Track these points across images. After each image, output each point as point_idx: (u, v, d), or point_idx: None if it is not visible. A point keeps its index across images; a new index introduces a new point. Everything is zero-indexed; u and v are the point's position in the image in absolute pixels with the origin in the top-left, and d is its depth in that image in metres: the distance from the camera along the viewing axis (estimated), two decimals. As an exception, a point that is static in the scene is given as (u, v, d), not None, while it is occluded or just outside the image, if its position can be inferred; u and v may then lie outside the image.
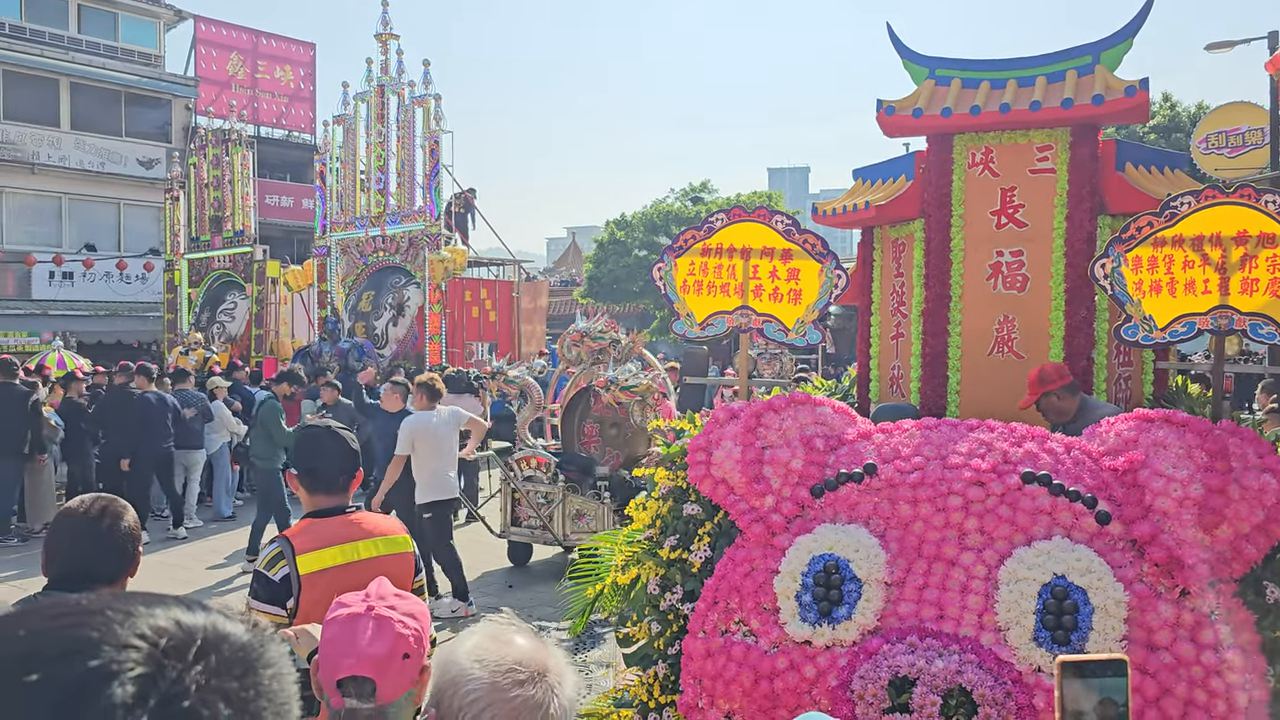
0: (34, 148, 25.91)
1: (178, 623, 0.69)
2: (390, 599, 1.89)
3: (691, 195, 35.72)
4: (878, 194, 5.37)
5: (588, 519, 9.03)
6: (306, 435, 3.06)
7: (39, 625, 0.67)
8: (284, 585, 2.77)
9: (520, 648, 1.44)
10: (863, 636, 2.86)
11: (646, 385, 8.65)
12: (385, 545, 2.96)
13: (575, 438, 9.93)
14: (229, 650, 0.70)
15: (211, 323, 20.06)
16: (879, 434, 3.32)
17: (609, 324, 9.44)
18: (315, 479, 2.98)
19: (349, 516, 2.97)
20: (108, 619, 0.67)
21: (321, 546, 2.84)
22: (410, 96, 16.53)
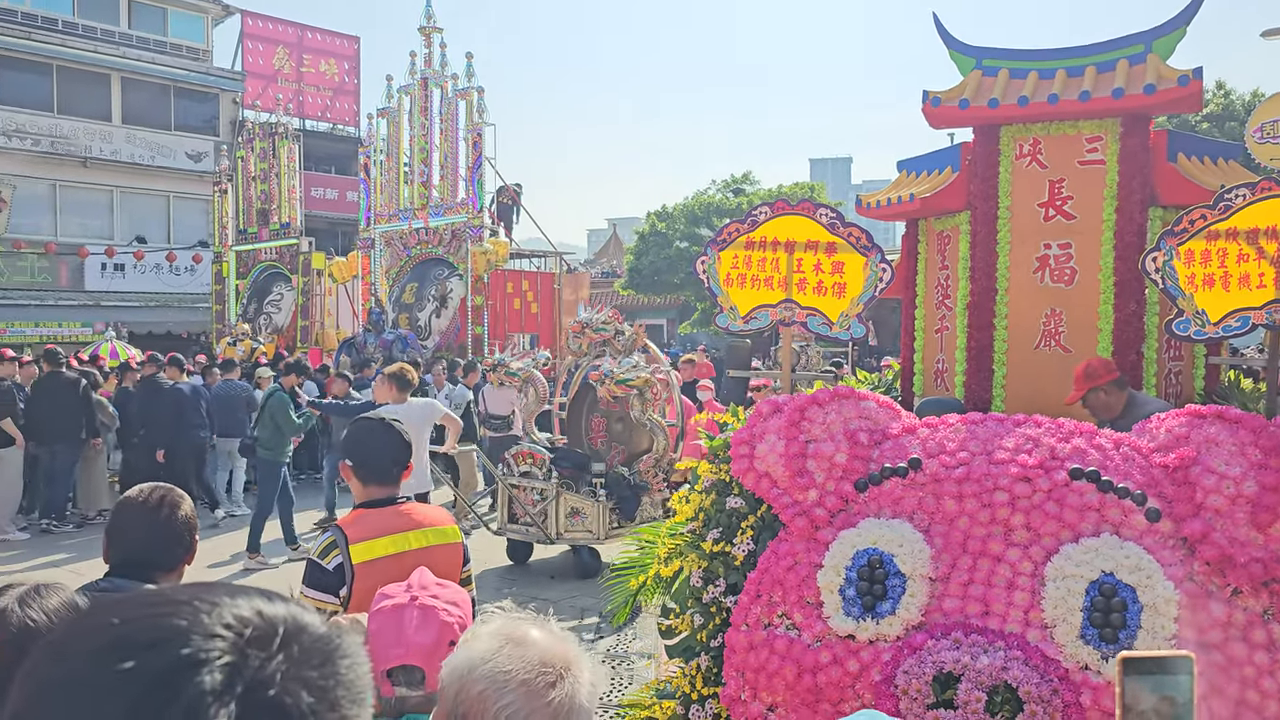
0: (86, 141, 26.41)
1: (260, 613, 0.72)
2: (432, 588, 1.92)
3: (733, 187, 35.57)
4: (922, 186, 5.33)
5: (583, 517, 8.74)
6: (361, 427, 3.10)
7: (130, 613, 0.69)
8: (337, 574, 2.82)
9: (541, 645, 1.39)
10: (907, 631, 2.85)
11: (644, 379, 8.38)
12: (435, 535, 3.00)
13: (583, 432, 9.69)
14: (309, 640, 0.72)
15: (258, 314, 20.35)
16: (924, 428, 3.30)
17: (612, 315, 9.16)
18: (369, 470, 3.02)
19: (399, 507, 3.01)
20: (195, 609, 0.70)
21: (374, 536, 2.89)
22: (453, 89, 16.63)
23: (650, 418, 8.77)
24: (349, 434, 3.13)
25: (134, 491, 2.53)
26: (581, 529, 8.78)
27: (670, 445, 9.05)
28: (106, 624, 0.69)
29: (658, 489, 9.04)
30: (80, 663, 0.67)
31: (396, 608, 1.87)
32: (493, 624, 1.42)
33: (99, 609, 0.71)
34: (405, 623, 1.83)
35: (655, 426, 8.84)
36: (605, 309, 9.22)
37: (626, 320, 10.95)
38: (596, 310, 9.08)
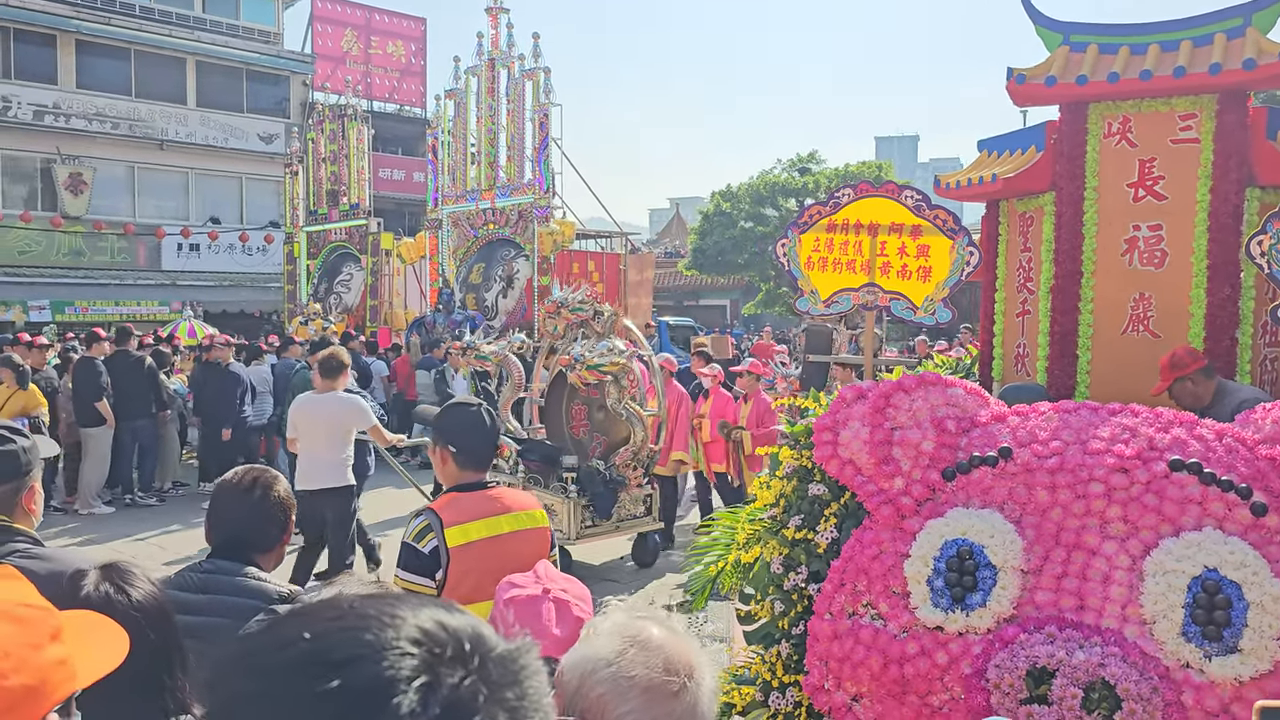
0: (163, 124, 27.03)
1: (443, 626, 0.71)
2: (560, 581, 1.92)
3: (799, 166, 35.16)
4: (1005, 166, 5.19)
5: (553, 516, 7.62)
6: (458, 412, 3.11)
7: (320, 627, 0.69)
8: (433, 558, 2.84)
9: (666, 649, 1.34)
10: (998, 624, 2.79)
11: (619, 364, 7.71)
12: (525, 520, 3.03)
13: (563, 421, 8.93)
14: (496, 657, 0.71)
15: (329, 293, 20.68)
16: (1014, 416, 3.23)
17: (590, 294, 8.38)
18: (466, 455, 3.04)
19: (489, 491, 3.04)
20: (381, 622, 0.69)
21: (467, 520, 2.91)
22: (520, 70, 16.65)
23: (627, 406, 8.15)
24: (447, 419, 3.13)
25: (229, 475, 2.59)
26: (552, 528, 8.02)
27: (650, 436, 8.43)
28: (297, 638, 0.68)
29: (636, 484, 8.46)
30: (276, 679, 0.67)
31: (531, 599, 1.87)
32: (614, 619, 1.40)
33: (289, 623, 0.71)
34: (542, 615, 1.83)
35: (632, 416, 8.18)
36: (581, 287, 8.44)
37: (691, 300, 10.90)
38: (573, 288, 8.36)
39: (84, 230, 25.46)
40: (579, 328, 8.21)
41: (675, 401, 9.33)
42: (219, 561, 2.40)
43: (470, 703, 0.67)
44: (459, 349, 9.31)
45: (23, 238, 24.64)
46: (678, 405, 9.30)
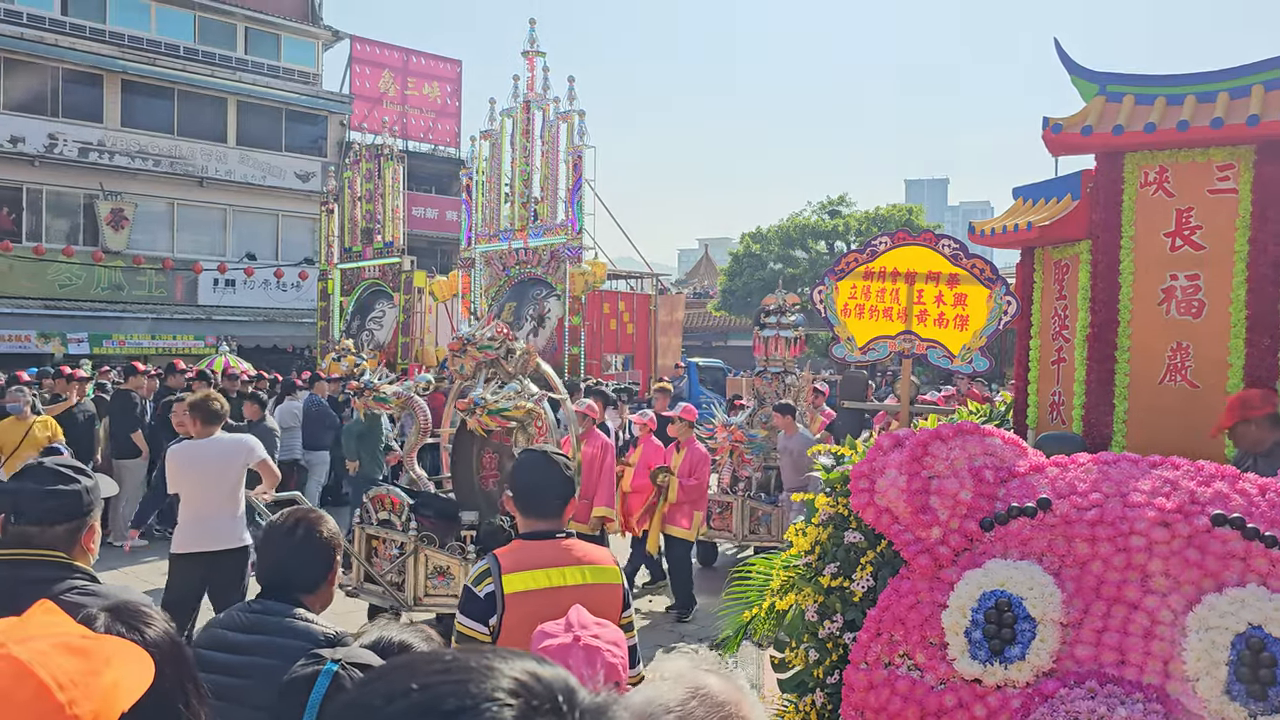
0: (203, 162, 27.56)
1: (536, 677, 0.74)
2: (592, 628, 1.93)
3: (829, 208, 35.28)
4: (1041, 214, 5.20)
5: (449, 579, 6.93)
6: (524, 457, 3.09)
7: (426, 680, 0.73)
8: (488, 603, 2.80)
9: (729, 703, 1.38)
10: (1037, 678, 2.77)
11: (525, 409, 6.91)
12: (593, 574, 2.94)
13: (473, 470, 7.95)
14: (587, 708, 0.74)
15: (361, 330, 20.88)
16: (1052, 467, 3.21)
17: (499, 330, 7.52)
18: (529, 501, 3.00)
19: (560, 541, 2.97)
20: (481, 674, 0.72)
21: (528, 568, 2.86)
22: (555, 112, 16.88)
23: None
24: (515, 464, 3.10)
25: (277, 517, 2.63)
26: (446, 593, 6.87)
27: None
28: (406, 688, 0.72)
29: None
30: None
31: (562, 647, 1.88)
32: (679, 666, 1.42)
33: (395, 675, 0.74)
34: (573, 664, 1.84)
35: None
36: (493, 322, 7.62)
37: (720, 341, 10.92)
38: (482, 324, 7.57)
39: (123, 265, 25.92)
40: (489, 367, 7.42)
41: (598, 452, 8.70)
42: (268, 602, 2.44)
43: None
44: (355, 390, 8.34)
45: (64, 271, 25.12)
46: (601, 456, 8.69)
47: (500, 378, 7.33)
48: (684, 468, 8.88)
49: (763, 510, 10.06)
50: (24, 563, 2.35)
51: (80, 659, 1.24)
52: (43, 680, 1.19)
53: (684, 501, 8.88)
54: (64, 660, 1.23)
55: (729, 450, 10.13)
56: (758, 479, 10.45)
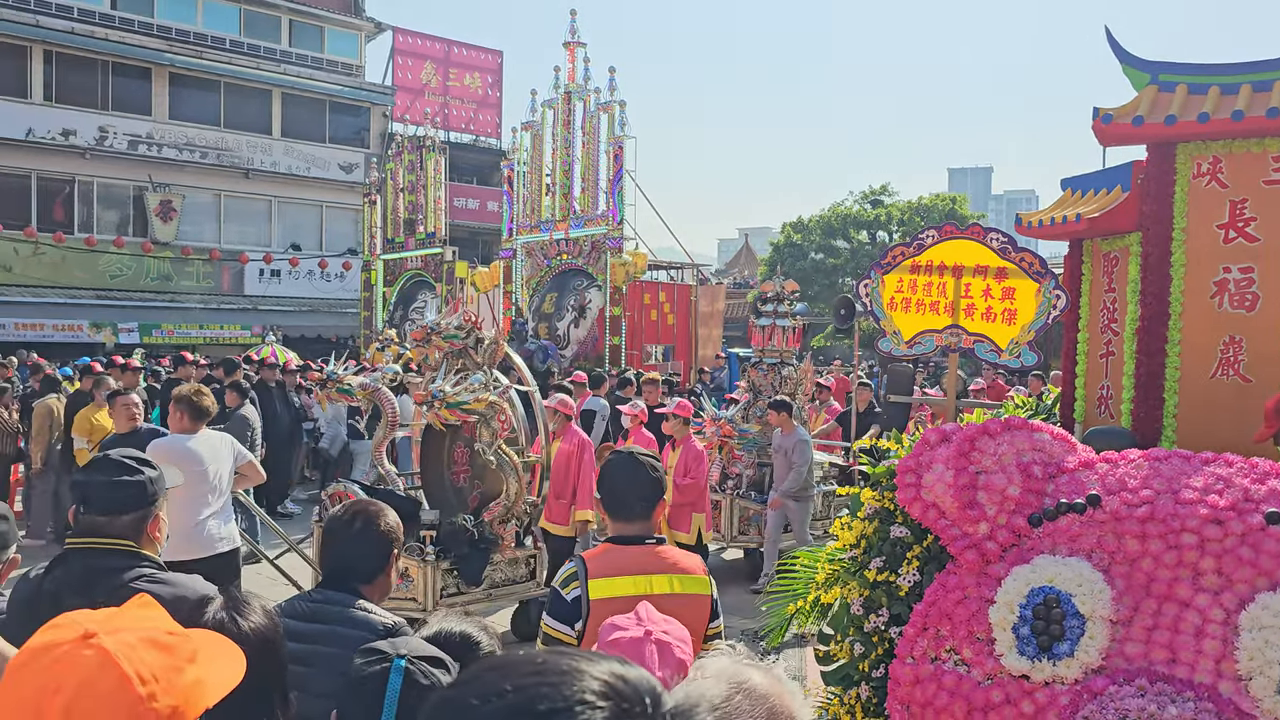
0: (248, 154, 27.94)
1: (624, 679, 0.76)
2: (662, 624, 1.95)
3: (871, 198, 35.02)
4: (1090, 206, 5.14)
5: (407, 581, 6.68)
6: (612, 461, 3.03)
7: (519, 681, 0.75)
8: (574, 606, 2.76)
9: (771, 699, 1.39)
10: (1086, 675, 2.76)
11: (484, 401, 6.53)
12: (682, 583, 2.87)
13: (444, 465, 7.55)
14: (673, 711, 0.76)
15: (404, 320, 21.09)
16: (1101, 463, 3.19)
17: (467, 318, 7.06)
18: (615, 504, 2.96)
19: (651, 547, 2.91)
20: (572, 676, 0.75)
21: (616, 574, 2.81)
22: (596, 103, 16.90)
23: (500, 452, 6.79)
24: (604, 465, 3.03)
25: (338, 508, 2.68)
26: (404, 595, 6.66)
27: (524, 488, 6.99)
28: (500, 689, 0.75)
29: (508, 546, 7.10)
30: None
31: (634, 640, 1.90)
32: (721, 664, 1.43)
33: (489, 677, 0.77)
34: (645, 658, 1.86)
35: (505, 464, 6.81)
36: (459, 310, 7.13)
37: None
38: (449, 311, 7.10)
39: (172, 255, 26.37)
40: (458, 358, 7.03)
41: (574, 449, 8.12)
42: (328, 592, 2.49)
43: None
44: (317, 380, 7.82)
45: (115, 262, 25.61)
46: (578, 454, 8.11)
47: (469, 368, 6.97)
48: (679, 467, 8.32)
49: (753, 510, 9.50)
50: (96, 551, 2.43)
51: (165, 654, 1.29)
52: (125, 672, 1.23)
53: (681, 504, 8.35)
54: (149, 654, 1.27)
55: (718, 446, 9.56)
56: (749, 477, 9.86)
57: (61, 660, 1.23)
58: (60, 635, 1.27)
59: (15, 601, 2.54)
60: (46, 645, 1.26)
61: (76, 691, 1.21)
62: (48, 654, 1.25)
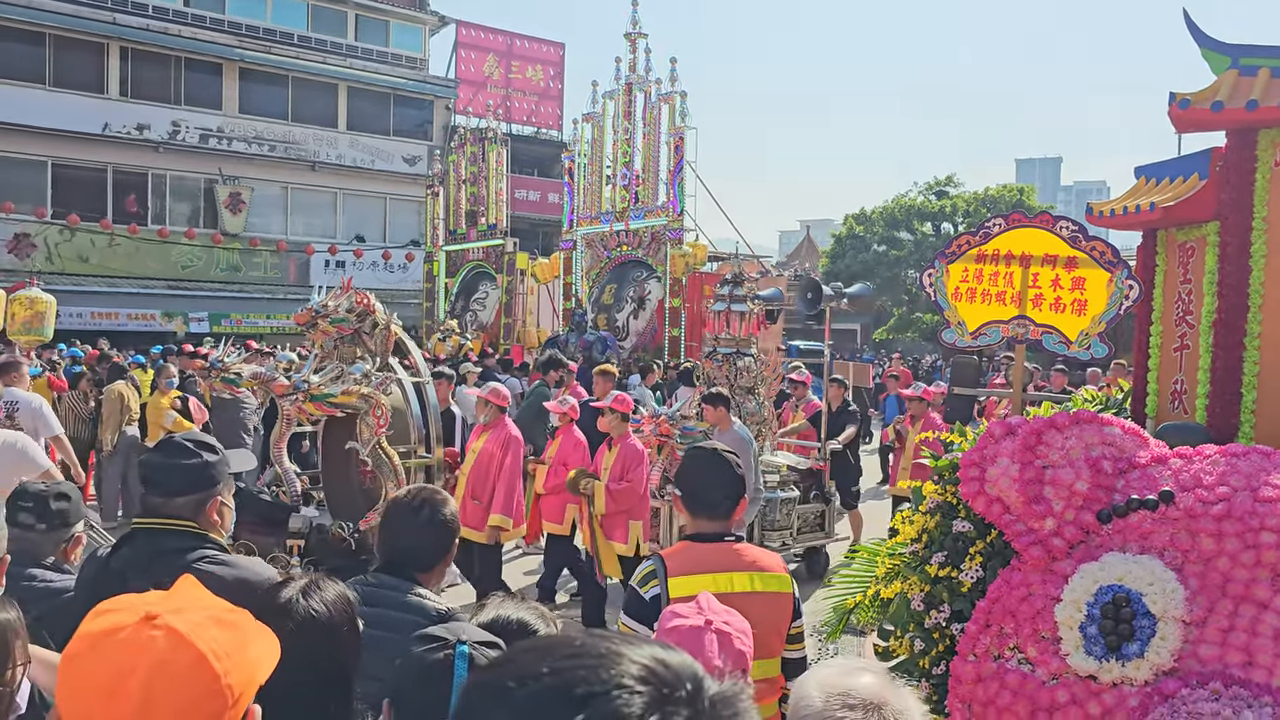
0: (315, 147, 28.41)
1: (665, 664, 0.74)
2: (723, 614, 1.93)
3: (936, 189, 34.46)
4: (1165, 194, 4.97)
5: None
6: (691, 456, 2.99)
7: (557, 664, 0.74)
8: (653, 605, 2.70)
9: (859, 681, 1.48)
10: (1156, 677, 2.67)
11: (354, 394, 5.77)
12: (763, 581, 2.83)
13: (349, 465, 6.66)
14: (717, 697, 0.74)
15: (465, 311, 21.29)
16: (1176, 459, 3.08)
17: (359, 300, 6.28)
18: (696, 501, 2.91)
19: (730, 544, 2.86)
20: (611, 660, 0.73)
21: (695, 572, 2.76)
22: (657, 94, 16.86)
23: (379, 451, 6.01)
24: (682, 463, 2.99)
25: (402, 493, 2.69)
26: None
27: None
28: (538, 672, 0.73)
29: None
30: (524, 711, 0.72)
31: (694, 629, 1.88)
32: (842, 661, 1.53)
33: (520, 655, 0.75)
34: (705, 646, 1.84)
35: (383, 464, 6.08)
36: (351, 290, 6.38)
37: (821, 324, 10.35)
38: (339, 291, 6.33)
39: (241, 247, 26.93)
40: (351, 344, 6.31)
41: (496, 449, 7.40)
42: (383, 576, 2.50)
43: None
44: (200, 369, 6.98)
45: (186, 253, 26.22)
46: (501, 453, 7.39)
47: (361, 355, 6.31)
48: (615, 469, 7.27)
49: None
50: (160, 532, 2.47)
51: (231, 632, 1.29)
52: (201, 651, 1.23)
53: (616, 511, 7.27)
54: (217, 632, 1.27)
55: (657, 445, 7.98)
56: None
57: (129, 643, 1.22)
58: (120, 619, 1.25)
59: (83, 580, 2.60)
60: (108, 630, 1.24)
61: (151, 672, 1.20)
62: (111, 639, 1.23)
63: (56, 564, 3.03)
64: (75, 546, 3.16)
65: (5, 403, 7.95)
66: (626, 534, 7.30)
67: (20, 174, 24.66)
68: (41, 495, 3.07)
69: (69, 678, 1.24)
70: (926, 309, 30.64)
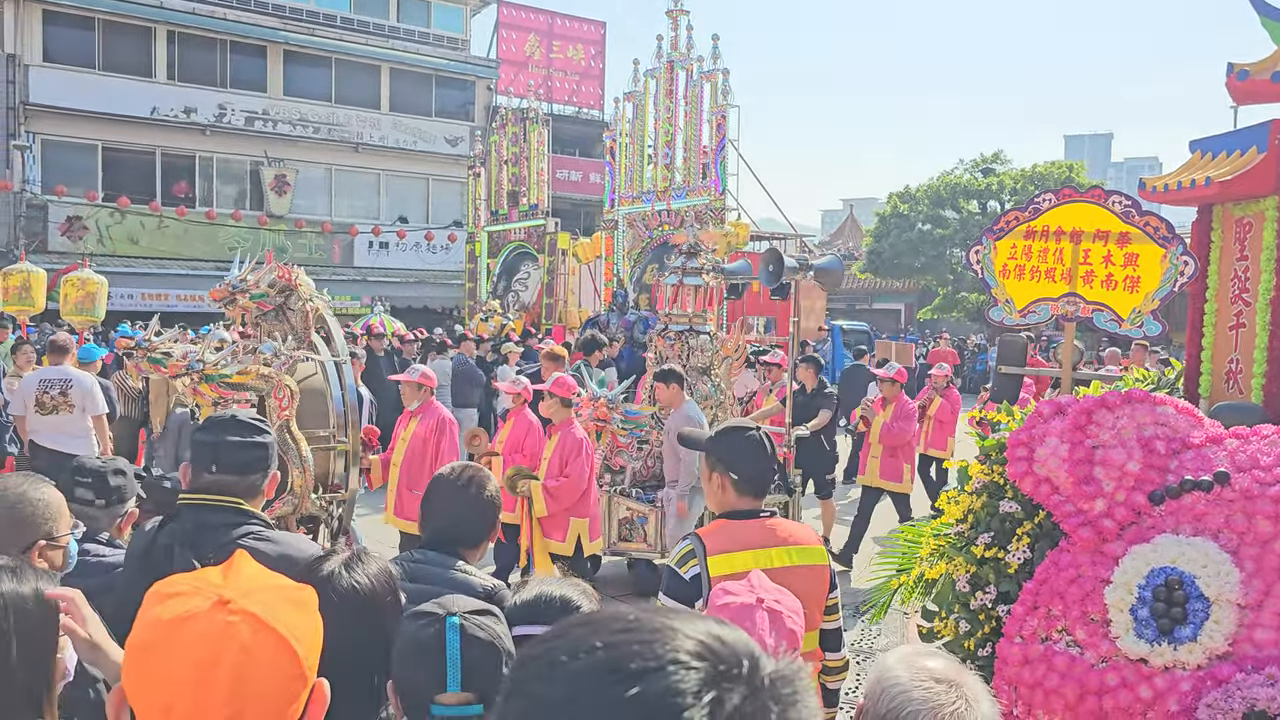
0: (358, 128, 28.59)
1: (721, 640, 0.73)
2: (774, 593, 1.92)
3: (982, 166, 33.90)
4: (1222, 168, 4.84)
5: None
6: (737, 438, 2.94)
7: (610, 638, 0.73)
8: (694, 585, 2.69)
9: (936, 662, 1.57)
10: (1210, 661, 2.61)
11: (251, 374, 5.34)
12: (799, 555, 2.82)
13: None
14: (774, 675, 0.73)
15: (507, 291, 21.37)
16: (1231, 439, 3.01)
17: (282, 275, 5.85)
18: (749, 482, 2.89)
19: (764, 521, 2.87)
20: (665, 635, 0.72)
21: (735, 549, 2.76)
22: (699, 72, 16.74)
23: (286, 436, 5.36)
24: (726, 444, 2.94)
25: (446, 469, 2.70)
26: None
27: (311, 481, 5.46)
28: (590, 646, 0.72)
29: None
30: (577, 685, 0.71)
31: (745, 607, 1.88)
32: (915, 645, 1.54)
33: (581, 632, 0.74)
34: (756, 624, 1.84)
35: (289, 451, 5.47)
36: (273, 265, 5.96)
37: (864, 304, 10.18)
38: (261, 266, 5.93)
39: (286, 228, 27.21)
40: (276, 321, 5.91)
41: (429, 433, 6.89)
42: (429, 553, 2.52)
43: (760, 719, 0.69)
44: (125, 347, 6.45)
45: (233, 234, 26.56)
46: (434, 437, 6.88)
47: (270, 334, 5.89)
48: (553, 462, 6.67)
49: (637, 511, 7.53)
50: (208, 508, 2.51)
51: (301, 611, 1.29)
52: (282, 635, 1.23)
53: (558, 510, 6.67)
54: (291, 613, 1.27)
55: (595, 432, 7.49)
56: (637, 470, 7.88)
57: (208, 632, 1.19)
58: (192, 605, 1.22)
59: (131, 554, 2.64)
60: (182, 617, 1.21)
61: (238, 660, 1.18)
62: (188, 627, 1.20)
63: (110, 539, 3.08)
64: (128, 523, 3.21)
65: (60, 380, 8.13)
66: (565, 533, 6.72)
67: (72, 158, 25.11)
68: (100, 471, 3.12)
69: (145, 667, 1.21)
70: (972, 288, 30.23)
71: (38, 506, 2.20)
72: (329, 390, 5.92)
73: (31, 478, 2.32)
